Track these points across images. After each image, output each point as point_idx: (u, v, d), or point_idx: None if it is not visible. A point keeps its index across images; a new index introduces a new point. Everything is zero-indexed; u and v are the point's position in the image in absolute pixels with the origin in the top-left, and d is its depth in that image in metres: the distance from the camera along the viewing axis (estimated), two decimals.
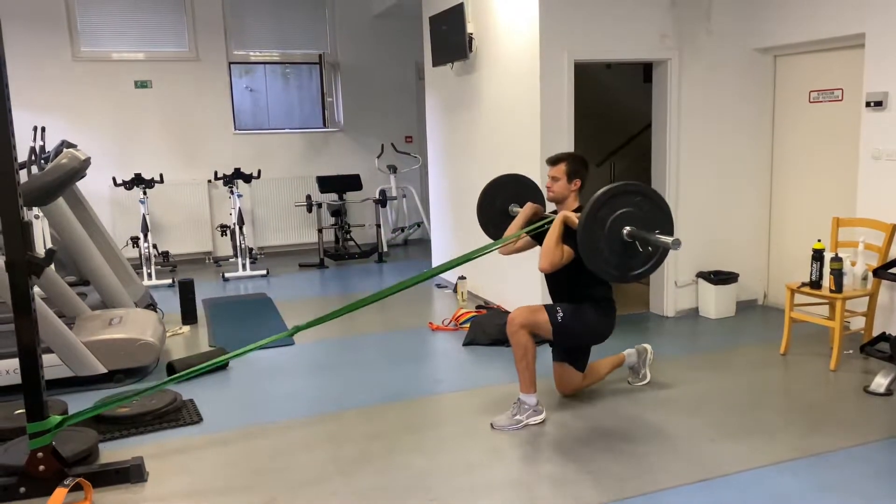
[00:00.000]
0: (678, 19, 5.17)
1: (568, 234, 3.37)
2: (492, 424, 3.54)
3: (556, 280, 3.63)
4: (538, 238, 3.68)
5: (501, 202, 4.00)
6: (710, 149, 5.38)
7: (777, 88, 5.44)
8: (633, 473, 3.06)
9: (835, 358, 4.21)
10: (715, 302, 5.36)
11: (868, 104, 4.48)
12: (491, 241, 3.96)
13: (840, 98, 4.95)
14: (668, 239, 3.06)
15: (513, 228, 3.75)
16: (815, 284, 4.28)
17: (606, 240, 3.12)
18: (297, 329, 3.28)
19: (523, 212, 3.76)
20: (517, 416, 3.53)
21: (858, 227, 4.48)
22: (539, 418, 3.56)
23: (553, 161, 3.63)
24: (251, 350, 3.37)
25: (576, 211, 3.48)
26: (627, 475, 3.04)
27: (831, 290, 4.18)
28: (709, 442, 3.34)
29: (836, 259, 4.16)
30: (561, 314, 3.54)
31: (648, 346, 4.06)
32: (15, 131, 2.81)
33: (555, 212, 3.69)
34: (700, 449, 3.28)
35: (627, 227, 3.12)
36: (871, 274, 4.24)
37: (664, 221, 3.19)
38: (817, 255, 4.27)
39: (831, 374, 4.16)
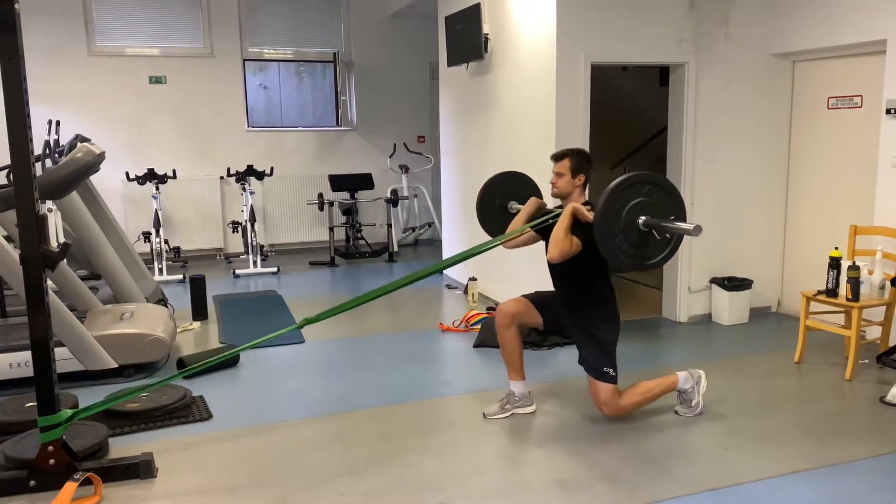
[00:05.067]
0: (696, 23, 5.13)
1: (576, 225, 3.37)
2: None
3: (560, 272, 3.63)
4: (542, 232, 3.67)
5: (501, 200, 3.98)
6: (726, 153, 5.34)
7: (795, 94, 5.39)
8: (644, 481, 3.03)
9: (850, 367, 4.16)
10: (728, 308, 5.32)
11: (888, 111, 4.43)
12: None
13: (859, 105, 4.90)
14: (689, 225, 3.06)
15: (516, 222, 3.76)
16: (832, 293, 4.23)
17: (623, 233, 3.14)
18: (307, 321, 3.25)
19: (527, 206, 3.76)
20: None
21: (876, 236, 4.42)
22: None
23: (557, 157, 3.62)
24: (261, 342, 3.36)
25: (583, 206, 3.48)
26: (638, 482, 3.01)
27: (848, 299, 4.13)
28: (721, 450, 3.30)
29: (854, 267, 4.11)
30: (611, 371, 3.53)
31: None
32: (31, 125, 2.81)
33: (559, 207, 3.68)
34: (712, 457, 3.24)
35: (643, 217, 3.13)
36: (888, 283, 4.19)
37: (677, 208, 3.20)
38: (834, 263, 4.22)
39: (846, 384, 4.12)
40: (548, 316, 3.69)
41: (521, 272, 5.34)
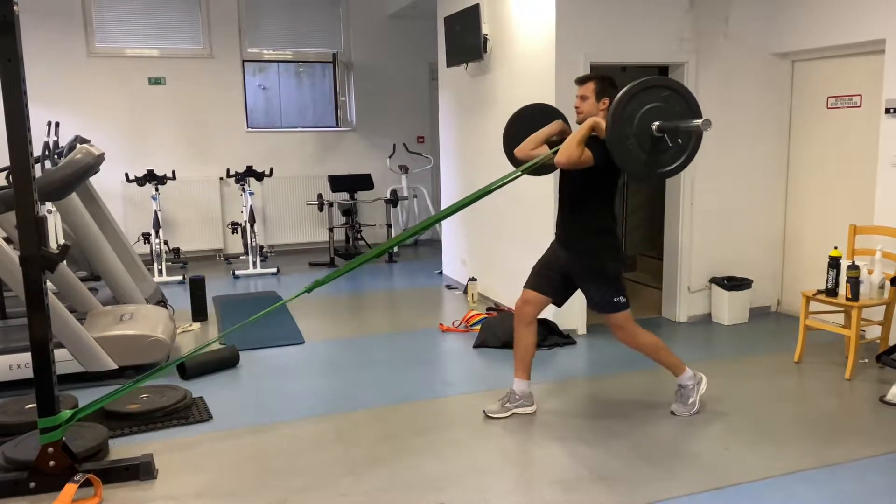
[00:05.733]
0: (696, 22, 5.14)
1: (594, 140, 3.30)
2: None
3: (568, 183, 3.57)
4: None
5: (528, 132, 3.77)
6: (726, 153, 5.34)
7: (794, 94, 5.40)
8: (645, 480, 3.03)
9: (850, 367, 4.16)
10: (728, 308, 5.32)
11: (888, 111, 4.43)
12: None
13: (858, 104, 4.90)
14: (698, 121, 3.02)
15: (534, 140, 3.63)
16: (831, 292, 4.23)
17: (636, 136, 3.08)
18: (318, 283, 3.25)
19: (549, 126, 3.65)
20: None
21: (876, 235, 4.42)
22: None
23: (581, 80, 3.55)
24: (270, 311, 3.45)
25: None
26: (639, 482, 3.01)
27: (848, 299, 4.13)
28: (722, 450, 3.30)
29: (854, 267, 4.11)
30: (622, 298, 3.51)
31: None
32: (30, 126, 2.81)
33: None
34: (713, 457, 3.24)
35: (656, 123, 3.08)
36: (888, 283, 4.19)
37: (693, 115, 3.15)
38: (833, 263, 4.22)
39: (846, 384, 4.12)
40: (552, 284, 3.64)
41: (522, 272, 5.32)
